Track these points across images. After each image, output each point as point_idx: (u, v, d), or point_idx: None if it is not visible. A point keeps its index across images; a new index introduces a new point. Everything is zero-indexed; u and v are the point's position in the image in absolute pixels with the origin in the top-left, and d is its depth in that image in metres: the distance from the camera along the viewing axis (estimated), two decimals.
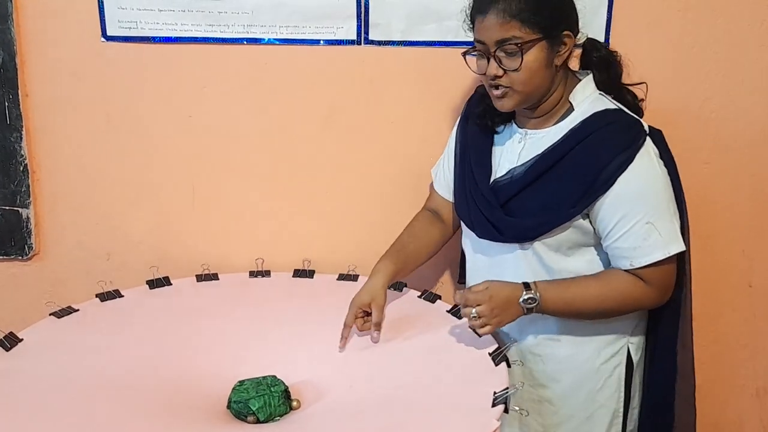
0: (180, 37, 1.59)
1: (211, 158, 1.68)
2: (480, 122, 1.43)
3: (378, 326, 1.36)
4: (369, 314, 1.39)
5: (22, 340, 1.31)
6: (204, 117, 1.65)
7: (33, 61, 1.59)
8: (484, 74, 1.29)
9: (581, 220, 1.30)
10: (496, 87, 1.29)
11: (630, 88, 1.40)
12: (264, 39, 1.60)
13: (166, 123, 1.65)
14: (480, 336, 1.30)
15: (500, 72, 1.26)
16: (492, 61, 1.26)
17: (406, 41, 1.61)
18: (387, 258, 1.44)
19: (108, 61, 1.60)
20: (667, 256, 1.26)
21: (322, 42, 1.60)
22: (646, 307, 1.36)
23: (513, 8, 1.22)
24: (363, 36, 1.60)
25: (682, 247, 1.28)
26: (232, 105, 1.65)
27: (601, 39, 1.59)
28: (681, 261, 1.33)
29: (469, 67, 1.33)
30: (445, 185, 1.54)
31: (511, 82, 1.27)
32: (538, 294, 1.27)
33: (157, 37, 1.59)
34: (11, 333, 1.30)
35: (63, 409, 1.14)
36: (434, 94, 1.64)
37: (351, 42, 1.61)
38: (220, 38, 1.59)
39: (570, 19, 1.30)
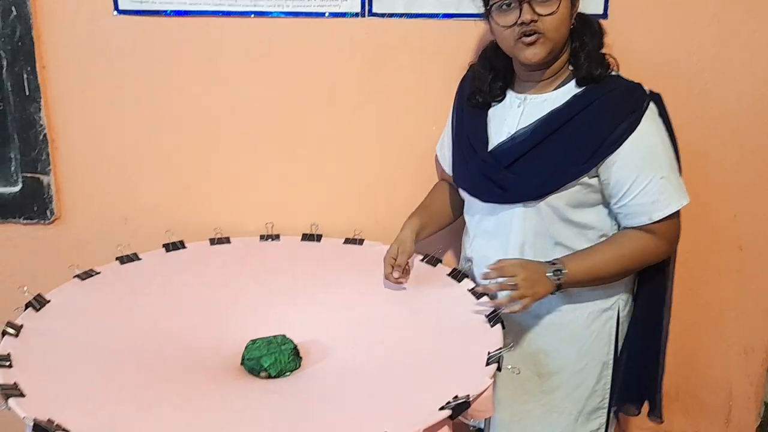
0: (190, 11, 1.62)
1: (222, 126, 1.72)
2: (471, 103, 1.48)
3: (399, 267, 1.46)
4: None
5: (49, 301, 1.37)
6: (214, 87, 1.69)
7: (49, 34, 1.63)
8: (513, 26, 1.31)
9: (587, 179, 1.35)
10: (529, 34, 1.31)
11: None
12: (271, 12, 1.62)
13: (178, 92, 1.69)
14: (515, 312, 1.30)
15: (535, 17, 1.29)
16: (526, 6, 1.29)
17: (408, 13, 1.63)
18: (413, 216, 1.55)
19: (120, 34, 1.63)
20: (681, 207, 1.34)
21: (327, 14, 1.63)
22: (659, 260, 1.42)
23: None
24: (367, 8, 1.63)
25: (688, 199, 1.35)
26: (241, 75, 1.68)
27: (601, 9, 1.62)
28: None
29: (497, 23, 1.34)
30: (450, 165, 1.58)
31: (544, 29, 1.30)
32: (563, 265, 1.34)
33: (167, 11, 1.62)
34: (39, 295, 1.37)
35: (87, 365, 1.21)
36: (436, 65, 1.66)
37: (355, 14, 1.63)
38: (228, 11, 1.62)
39: None
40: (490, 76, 1.45)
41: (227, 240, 1.68)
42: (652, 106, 1.34)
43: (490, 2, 1.35)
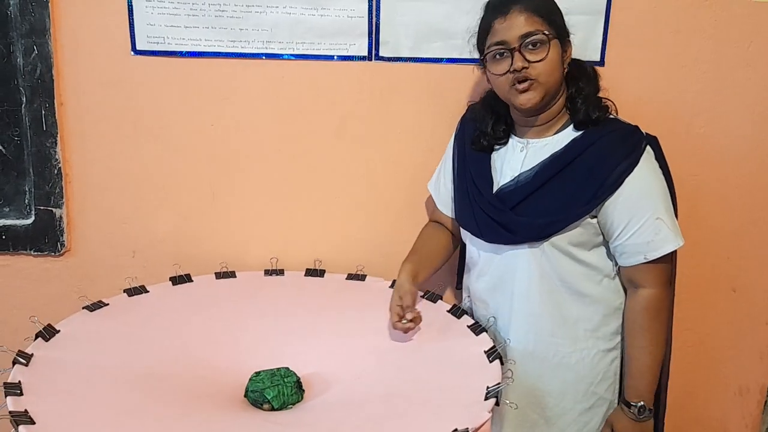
0: (204, 52, 1.67)
1: (230, 164, 1.76)
2: (476, 147, 1.51)
3: (409, 308, 1.44)
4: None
5: (59, 331, 1.40)
6: (224, 126, 1.73)
7: (68, 72, 1.68)
8: (506, 73, 1.36)
9: (589, 219, 1.39)
10: (521, 81, 1.35)
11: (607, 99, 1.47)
12: (282, 54, 1.68)
13: (189, 131, 1.73)
14: None
15: (526, 64, 1.33)
16: (517, 54, 1.33)
17: (413, 57, 1.69)
18: (405, 262, 1.56)
19: (137, 73, 1.69)
20: (677, 248, 1.37)
21: (335, 57, 1.69)
22: (671, 306, 1.47)
23: (534, 5, 1.34)
24: (374, 52, 1.68)
25: (683, 241, 1.39)
26: (251, 115, 1.73)
27: (598, 57, 1.69)
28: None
29: (491, 72, 1.39)
30: (446, 204, 1.62)
31: (536, 75, 1.34)
32: (637, 401, 1.43)
33: (182, 52, 1.67)
34: (49, 325, 1.39)
35: (96, 394, 1.23)
36: (439, 106, 1.71)
37: (362, 58, 1.69)
38: (240, 53, 1.67)
39: (567, 30, 1.40)
40: (491, 120, 1.49)
41: (233, 274, 1.71)
42: (648, 149, 1.39)
43: (484, 51, 1.40)
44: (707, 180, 1.77)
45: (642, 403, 1.43)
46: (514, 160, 1.46)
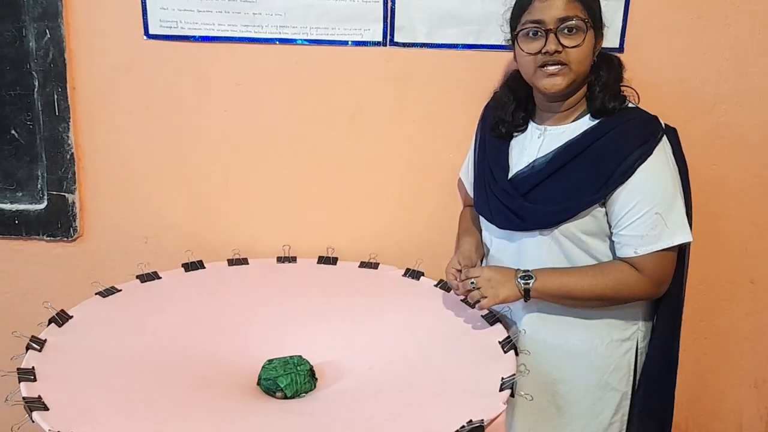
0: (217, 37, 1.66)
1: (243, 150, 1.75)
2: (494, 133, 1.51)
3: (460, 272, 1.44)
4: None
5: (72, 317, 1.40)
6: (238, 111, 1.72)
7: (80, 56, 1.68)
8: (537, 54, 1.34)
9: (599, 207, 1.37)
10: (552, 64, 1.34)
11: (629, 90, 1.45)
12: (295, 39, 1.67)
13: (202, 116, 1.73)
14: (476, 308, 1.37)
15: (560, 48, 1.32)
16: (552, 37, 1.32)
17: (429, 43, 1.67)
18: (465, 236, 1.58)
19: (149, 58, 1.68)
20: (671, 246, 1.33)
21: (350, 43, 1.67)
22: (641, 298, 1.41)
23: None
24: (388, 38, 1.67)
25: (688, 238, 1.34)
26: (265, 101, 1.72)
27: (617, 43, 1.66)
28: (683, 256, 1.41)
29: (521, 49, 1.37)
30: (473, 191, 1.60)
31: (568, 60, 1.33)
32: (534, 274, 1.34)
33: (195, 36, 1.66)
34: (62, 310, 1.40)
35: (108, 380, 1.23)
36: (454, 93, 1.70)
37: (377, 43, 1.67)
38: (254, 38, 1.66)
39: (603, 22, 1.39)
40: (512, 106, 1.48)
41: (245, 261, 1.71)
42: (665, 140, 1.36)
43: (517, 28, 1.38)
44: (726, 170, 1.74)
45: (533, 278, 1.35)
46: (531, 146, 1.46)
